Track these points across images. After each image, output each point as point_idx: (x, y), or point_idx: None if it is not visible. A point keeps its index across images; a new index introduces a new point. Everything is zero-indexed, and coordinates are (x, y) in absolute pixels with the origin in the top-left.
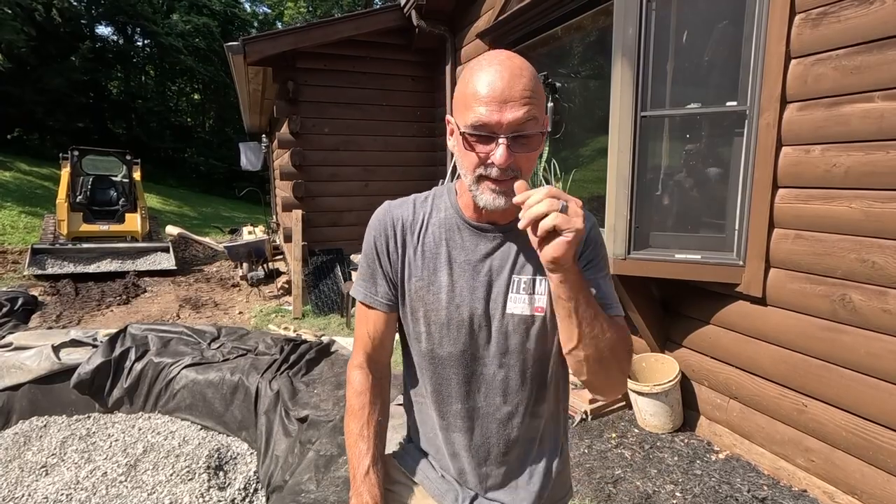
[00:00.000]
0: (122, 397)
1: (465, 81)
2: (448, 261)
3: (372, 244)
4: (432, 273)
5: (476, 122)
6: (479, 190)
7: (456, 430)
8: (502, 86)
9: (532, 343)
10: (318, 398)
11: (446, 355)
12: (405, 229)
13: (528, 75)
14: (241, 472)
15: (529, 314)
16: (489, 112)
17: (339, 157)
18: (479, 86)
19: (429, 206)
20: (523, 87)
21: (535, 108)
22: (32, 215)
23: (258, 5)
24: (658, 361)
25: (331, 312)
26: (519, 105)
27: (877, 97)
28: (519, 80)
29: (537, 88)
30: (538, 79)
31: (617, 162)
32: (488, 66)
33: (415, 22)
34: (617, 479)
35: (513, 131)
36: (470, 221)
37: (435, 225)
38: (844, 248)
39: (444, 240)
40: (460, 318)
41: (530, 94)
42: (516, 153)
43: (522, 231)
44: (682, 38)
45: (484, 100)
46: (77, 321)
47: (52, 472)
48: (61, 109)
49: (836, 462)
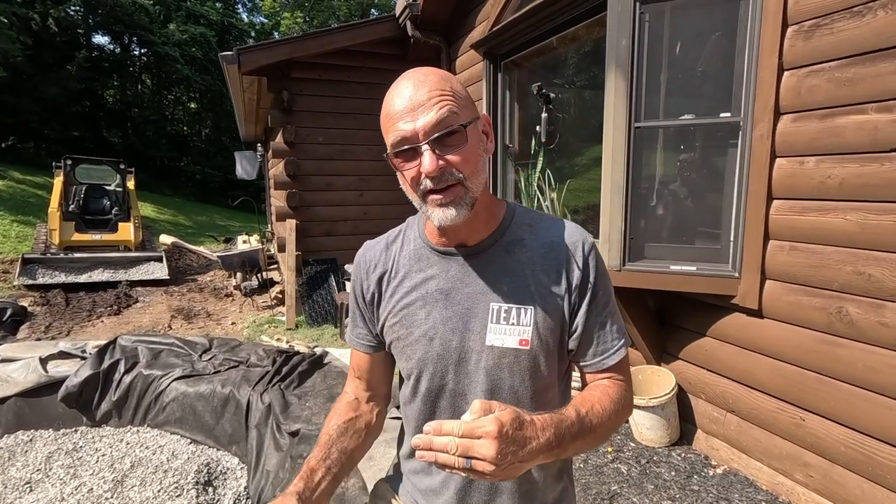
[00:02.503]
0: (110, 410)
1: (383, 110)
2: (419, 292)
3: (352, 288)
4: (406, 308)
5: (396, 139)
6: (427, 208)
7: (437, 470)
8: (409, 94)
9: (520, 380)
10: (311, 411)
11: (425, 391)
12: (377, 271)
13: (436, 77)
14: (230, 488)
15: (513, 347)
16: (404, 124)
17: (333, 167)
18: (389, 106)
19: (400, 240)
20: (430, 87)
21: (452, 104)
22: (25, 224)
23: (255, 15)
24: (654, 374)
25: (324, 323)
26: (430, 106)
27: (870, 109)
28: (424, 84)
29: (448, 86)
30: (450, 79)
31: (611, 173)
32: (396, 85)
33: (410, 33)
34: (613, 495)
35: (432, 133)
36: (436, 248)
37: (405, 258)
38: (840, 261)
39: (414, 272)
40: (435, 352)
41: (440, 93)
42: (446, 156)
43: (495, 252)
44: (675, 50)
45: (396, 116)
46: (67, 332)
47: (36, 489)
48: (57, 118)
49: (835, 477)
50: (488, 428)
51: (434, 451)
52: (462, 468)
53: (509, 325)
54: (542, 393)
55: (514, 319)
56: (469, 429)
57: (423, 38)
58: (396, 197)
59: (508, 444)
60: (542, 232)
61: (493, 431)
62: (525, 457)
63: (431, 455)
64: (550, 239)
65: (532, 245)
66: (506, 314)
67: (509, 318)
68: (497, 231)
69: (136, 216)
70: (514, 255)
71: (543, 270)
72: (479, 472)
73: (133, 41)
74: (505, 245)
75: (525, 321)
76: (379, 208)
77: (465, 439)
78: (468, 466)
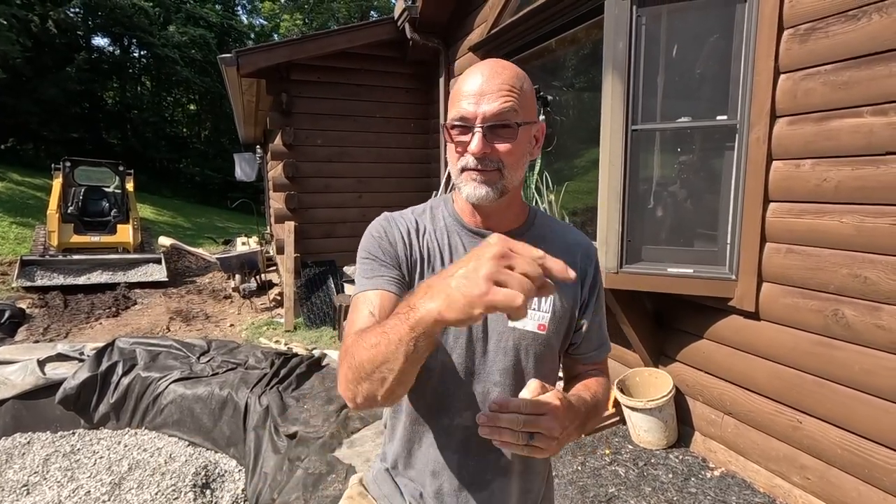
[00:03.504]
0: (108, 413)
1: (455, 85)
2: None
3: (376, 239)
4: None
5: (456, 115)
6: (462, 181)
7: (440, 447)
8: (482, 81)
9: (531, 363)
10: (308, 414)
11: (440, 366)
12: (409, 231)
13: (510, 73)
14: (228, 491)
15: (532, 331)
16: (468, 104)
17: (332, 169)
18: (462, 84)
19: (427, 216)
20: (502, 81)
21: (515, 101)
22: (24, 226)
23: (254, 17)
24: (652, 376)
25: (323, 325)
26: (496, 97)
27: (866, 112)
28: (499, 76)
29: (518, 84)
30: (524, 79)
31: (608, 175)
32: (475, 68)
33: (409, 35)
34: (611, 498)
35: (489, 122)
36: (468, 226)
37: (433, 232)
38: (836, 263)
39: (444, 245)
40: (457, 327)
41: (508, 88)
42: (494, 144)
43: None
44: (672, 53)
45: (464, 95)
46: (65, 334)
47: (33, 492)
48: (56, 120)
49: (832, 480)
50: (554, 403)
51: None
52: (523, 444)
53: (531, 310)
54: (546, 378)
55: (535, 305)
56: (535, 405)
57: (422, 40)
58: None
59: (567, 420)
60: (559, 232)
61: (558, 408)
62: (573, 432)
63: (495, 432)
64: (567, 240)
65: (553, 242)
66: None
67: (531, 303)
68: (525, 223)
69: (134, 218)
70: (540, 245)
71: None
72: (538, 448)
73: (133, 43)
74: (531, 237)
75: (545, 308)
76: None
77: (531, 416)
78: (528, 442)
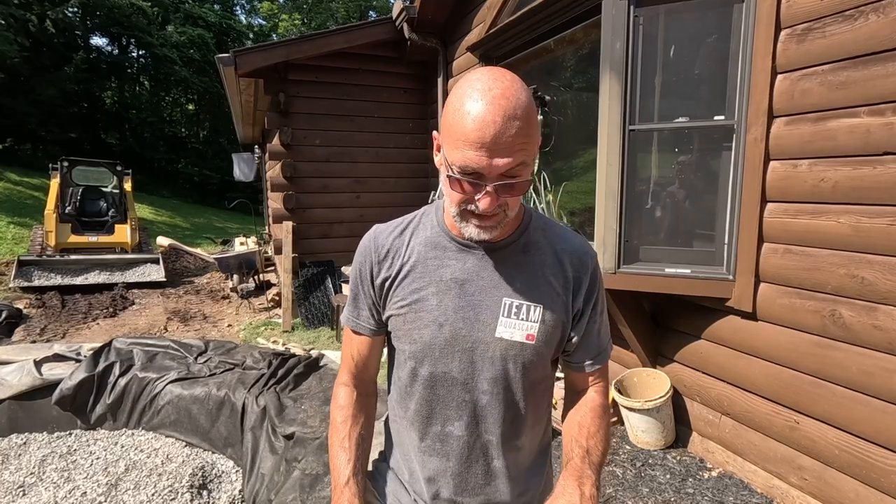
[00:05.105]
0: (104, 413)
1: (455, 109)
2: (433, 279)
3: (357, 271)
4: (416, 292)
5: (464, 165)
6: (463, 223)
7: (434, 454)
8: (494, 131)
9: (520, 373)
10: (306, 414)
11: (428, 376)
12: (389, 254)
13: (523, 116)
14: (225, 491)
15: (520, 341)
16: (478, 157)
17: (330, 169)
18: (468, 123)
19: (414, 226)
20: (516, 131)
21: (527, 152)
22: (21, 226)
23: (253, 17)
24: (649, 377)
25: (321, 325)
26: (509, 151)
27: (863, 112)
28: (512, 122)
29: (530, 130)
30: (532, 114)
31: (606, 176)
32: (481, 98)
33: (407, 35)
34: (608, 499)
35: (501, 179)
36: (456, 239)
37: (420, 244)
38: (834, 264)
39: (429, 258)
40: (443, 338)
41: (522, 140)
42: (503, 196)
43: (513, 251)
44: (669, 53)
45: (474, 143)
46: (62, 335)
47: (29, 493)
48: (54, 120)
49: (830, 480)
50: None
51: None
52: None
53: (518, 321)
54: (536, 384)
55: (523, 315)
56: None
57: (420, 40)
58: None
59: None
60: (554, 238)
61: None
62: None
63: None
64: (561, 246)
65: (546, 249)
66: (517, 309)
67: (519, 314)
68: (516, 231)
69: (132, 218)
70: (529, 255)
71: (553, 274)
72: None
73: (131, 43)
74: (522, 245)
75: (533, 318)
76: (375, 210)
77: None
78: None
